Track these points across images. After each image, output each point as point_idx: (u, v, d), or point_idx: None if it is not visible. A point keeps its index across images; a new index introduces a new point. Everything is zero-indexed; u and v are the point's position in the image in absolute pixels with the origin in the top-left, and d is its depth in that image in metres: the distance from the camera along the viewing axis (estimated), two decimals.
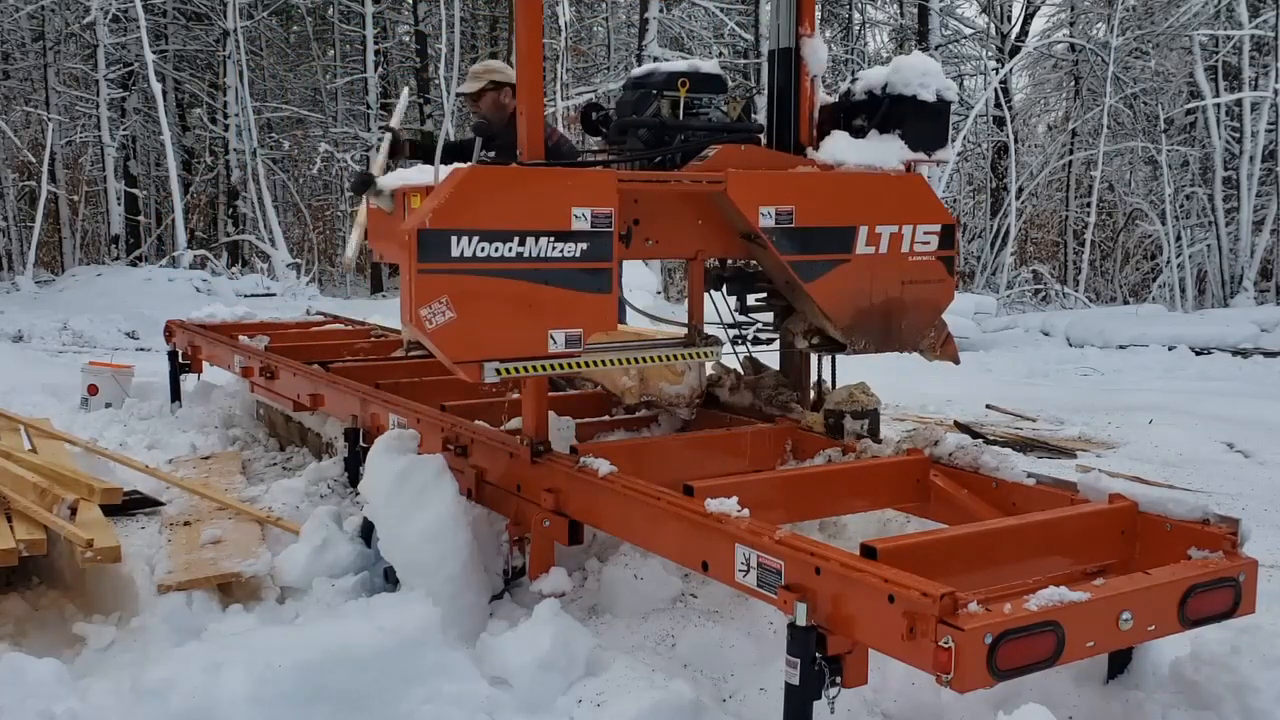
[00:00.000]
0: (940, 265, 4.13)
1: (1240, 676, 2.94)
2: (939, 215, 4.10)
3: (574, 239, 3.40)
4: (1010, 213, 20.84)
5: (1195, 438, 7.21)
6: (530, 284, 3.36)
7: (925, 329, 4.20)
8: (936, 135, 4.15)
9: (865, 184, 3.99)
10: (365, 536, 4.09)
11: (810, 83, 4.24)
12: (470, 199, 3.27)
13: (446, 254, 3.22)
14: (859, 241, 3.93)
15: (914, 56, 4.22)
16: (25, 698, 3.00)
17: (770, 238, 3.77)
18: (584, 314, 3.46)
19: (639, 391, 4.52)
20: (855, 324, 4.01)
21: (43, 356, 11.25)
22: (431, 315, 3.23)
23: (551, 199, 3.37)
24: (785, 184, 3.83)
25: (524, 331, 3.37)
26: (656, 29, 19.54)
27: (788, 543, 2.73)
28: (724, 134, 4.00)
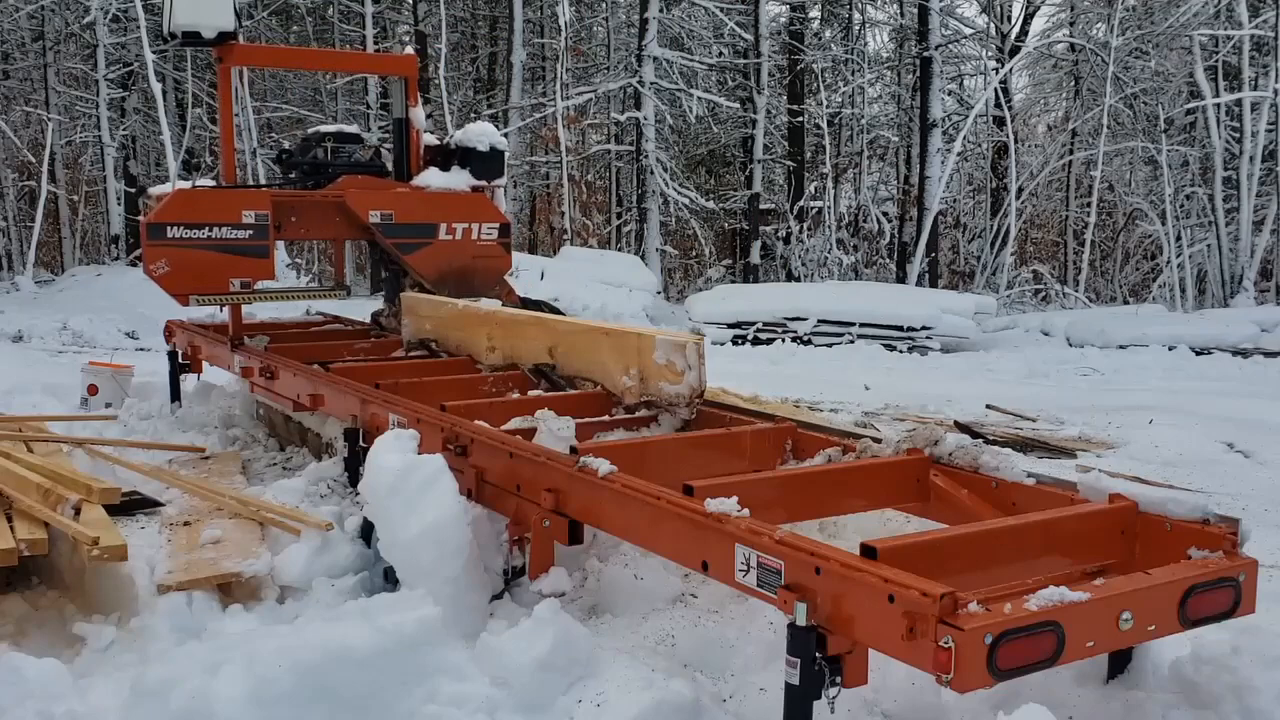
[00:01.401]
0: (499, 247, 7.06)
1: (1240, 676, 2.94)
2: (497, 217, 7.04)
3: (244, 228, 6.11)
4: (1010, 213, 20.84)
5: (1195, 438, 7.21)
6: (216, 253, 6.05)
7: (492, 285, 6.98)
8: (494, 170, 7.06)
9: (444, 198, 6.86)
10: (365, 536, 4.09)
11: (417, 136, 7.04)
12: (178, 206, 6.02)
13: (164, 235, 5.96)
14: (440, 232, 6.81)
15: (478, 123, 7.18)
16: (25, 698, 3.00)
17: (379, 230, 6.65)
18: (252, 269, 6.17)
19: (639, 391, 4.52)
20: (440, 280, 6.79)
21: (43, 356, 11.25)
22: (156, 269, 5.95)
23: (229, 205, 6.11)
24: (387, 197, 6.73)
25: (214, 279, 6.06)
26: (656, 29, 19.54)
27: (788, 543, 2.73)
28: (355, 169, 6.83)
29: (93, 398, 7.21)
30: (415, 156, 7.00)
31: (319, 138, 6.94)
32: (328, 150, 6.86)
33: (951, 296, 17.11)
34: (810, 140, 24.01)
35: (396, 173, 7.02)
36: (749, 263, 21.21)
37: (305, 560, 3.98)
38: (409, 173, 6.97)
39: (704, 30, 22.70)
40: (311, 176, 6.75)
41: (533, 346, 5.31)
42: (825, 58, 24.48)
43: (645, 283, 16.94)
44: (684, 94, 20.42)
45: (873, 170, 26.49)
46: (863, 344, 14.41)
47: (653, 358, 4.43)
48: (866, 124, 24.91)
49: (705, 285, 21.23)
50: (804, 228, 21.79)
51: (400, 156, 7.04)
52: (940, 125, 20.74)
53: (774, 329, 14.89)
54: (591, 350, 4.93)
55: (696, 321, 15.17)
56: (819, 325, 14.84)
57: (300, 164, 6.86)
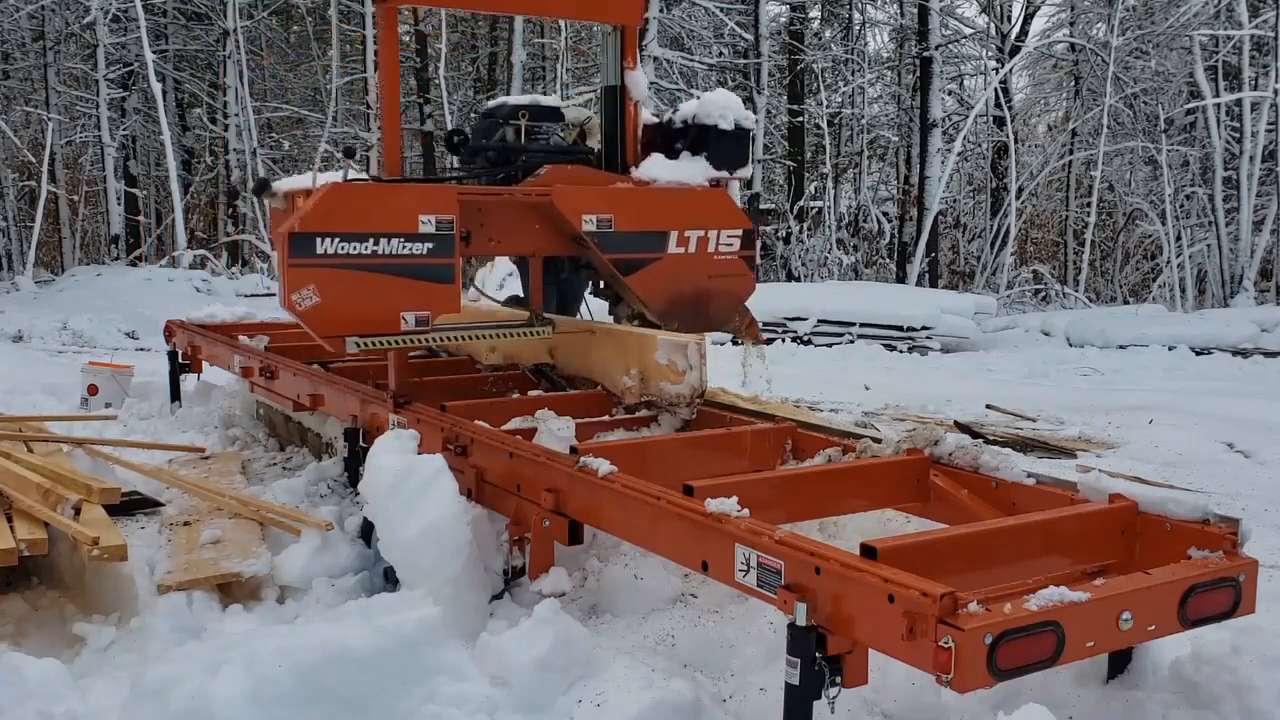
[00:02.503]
0: (742, 263, 5.00)
1: (1240, 676, 2.94)
2: (740, 222, 4.97)
3: (420, 239, 4.19)
4: (1010, 213, 20.84)
5: (1195, 438, 7.21)
6: (384, 275, 4.14)
7: (731, 314, 5.07)
8: (737, 157, 5.01)
9: (675, 196, 4.85)
10: (365, 536, 4.09)
11: (635, 110, 5.01)
12: (333, 208, 4.06)
13: (312, 251, 4.01)
14: (670, 243, 4.80)
15: (718, 92, 5.11)
16: (25, 698, 3.00)
17: (594, 240, 4.61)
18: (431, 299, 4.25)
19: (639, 391, 4.52)
20: (668, 310, 4.85)
21: (42, 356, 11.25)
22: (300, 300, 4.03)
23: (402, 208, 4.15)
24: (605, 196, 4.68)
25: (380, 313, 4.17)
26: (656, 29, 19.54)
27: (788, 543, 2.73)
28: (558, 156, 4.86)
29: (93, 398, 7.21)
30: (633, 138, 5.04)
31: (509, 112, 4.96)
32: (521, 130, 4.91)
33: (951, 296, 17.11)
34: (810, 140, 24.02)
35: (607, 160, 5.03)
36: None
37: (305, 560, 3.98)
38: (625, 161, 5.00)
39: (704, 30, 22.70)
40: (500, 166, 4.83)
41: (533, 346, 5.31)
42: (825, 58, 24.49)
43: None
44: (684, 94, 20.42)
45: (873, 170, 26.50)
46: (863, 344, 14.40)
47: (653, 358, 4.43)
48: (866, 124, 24.92)
49: None
50: (804, 228, 21.80)
51: (614, 138, 5.02)
52: (940, 125, 20.75)
53: (774, 329, 14.88)
54: (592, 350, 4.93)
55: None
56: (819, 325, 14.84)
57: (485, 149, 4.88)
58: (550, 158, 4.82)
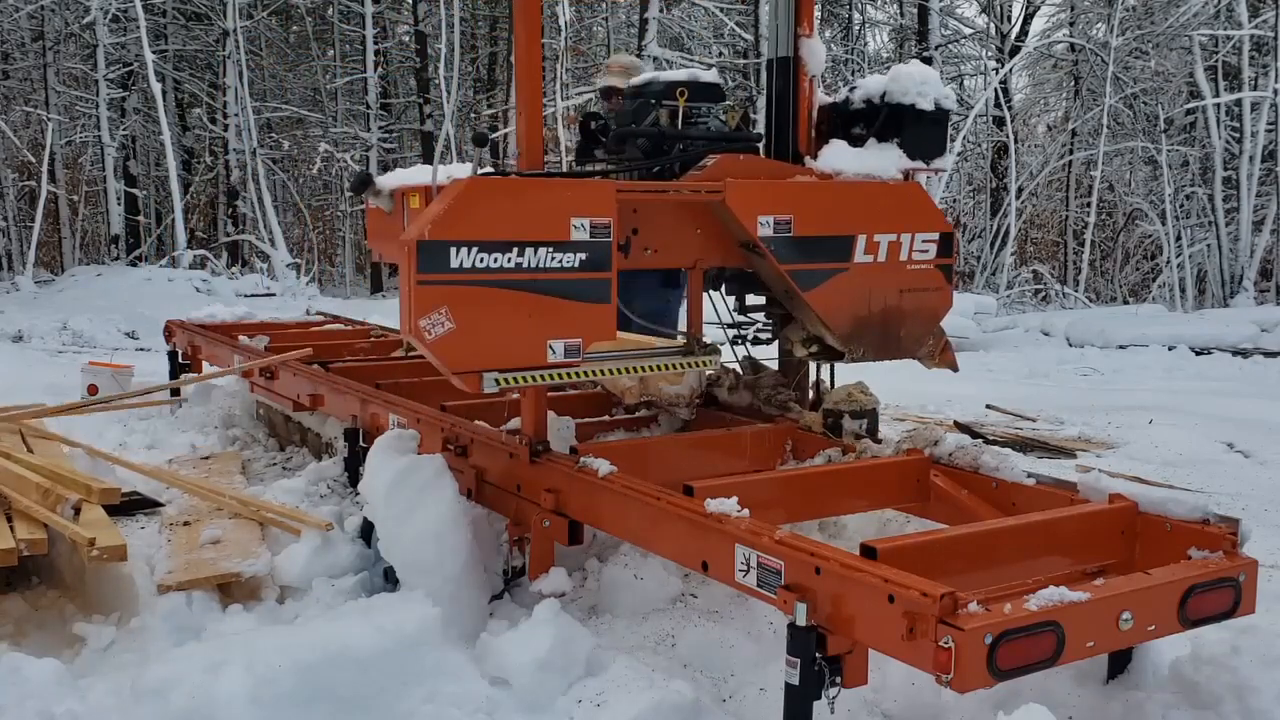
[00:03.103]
0: (939, 273, 4.14)
1: (1240, 676, 2.94)
2: (937, 223, 4.12)
3: (573, 249, 3.39)
4: (1010, 213, 20.84)
5: (1195, 438, 7.21)
6: (529, 294, 3.34)
7: (924, 337, 4.18)
8: (935, 144, 4.16)
9: (863, 193, 4.00)
10: (365, 536, 4.09)
11: (810, 87, 4.24)
12: (470, 209, 3.25)
13: (446, 265, 3.20)
14: (857, 250, 3.94)
15: (913, 65, 4.22)
16: (25, 698, 3.00)
17: (769, 247, 3.78)
18: (583, 323, 3.44)
19: (639, 391, 4.52)
20: (854, 333, 4.01)
21: (42, 356, 11.25)
22: (431, 326, 3.21)
23: (550, 209, 3.36)
24: (784, 193, 3.84)
25: (523, 342, 3.36)
26: (656, 29, 19.53)
27: (787, 543, 2.73)
28: (722, 143, 3.98)
29: (93, 398, 7.20)
30: (807, 121, 4.28)
31: (662, 90, 4.04)
32: (678, 113, 4.00)
33: None
34: None
35: (777, 148, 4.27)
36: None
37: (305, 560, 3.98)
38: (796, 149, 4.23)
39: (704, 30, 22.70)
40: (653, 157, 3.96)
41: None
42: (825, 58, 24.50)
43: None
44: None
45: None
46: None
47: None
48: None
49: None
50: None
51: (786, 120, 4.26)
52: None
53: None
54: None
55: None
56: None
57: (636, 134, 3.99)
58: (715, 146, 3.96)
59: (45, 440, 5.43)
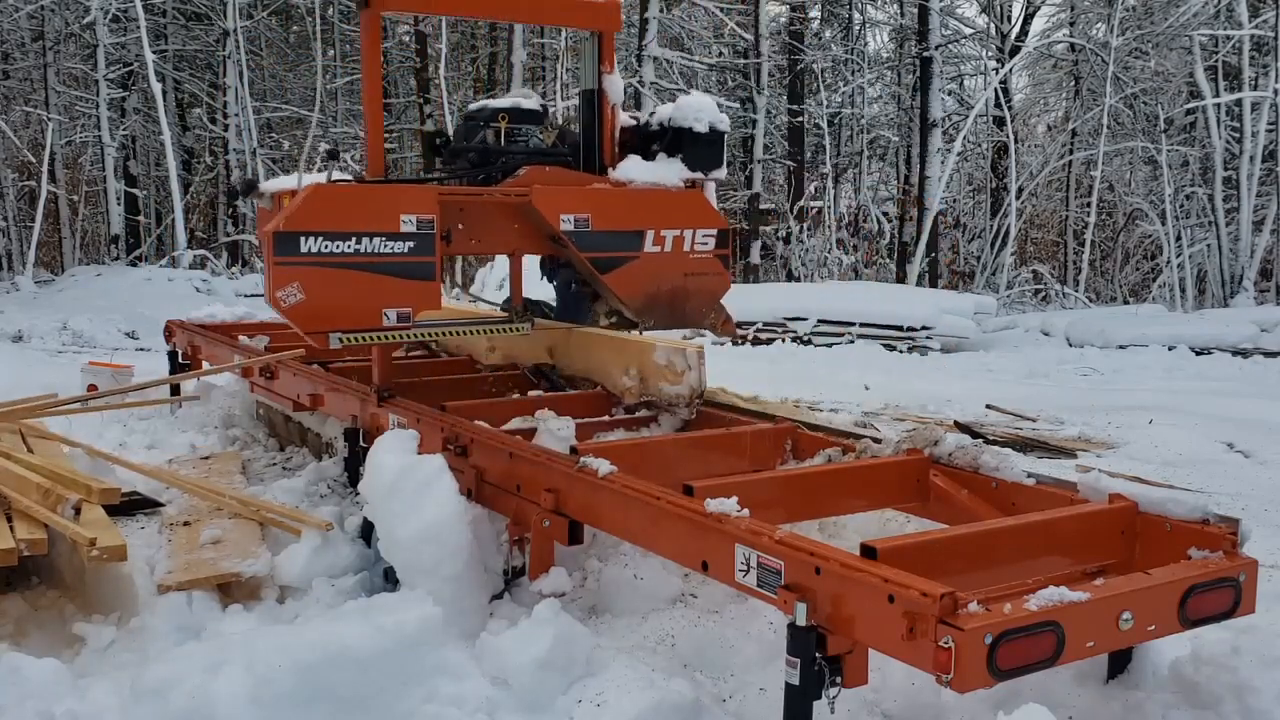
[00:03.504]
0: (717, 261, 5.17)
1: (1240, 676, 2.94)
2: (715, 222, 5.14)
3: (402, 238, 4.32)
4: (1010, 213, 20.84)
5: (1195, 438, 7.21)
6: (366, 273, 4.26)
7: (707, 312, 5.21)
8: (712, 159, 5.15)
9: (651, 197, 4.99)
10: (365, 536, 4.09)
11: (612, 113, 5.17)
12: (316, 208, 4.19)
13: (297, 250, 4.14)
14: (646, 242, 4.95)
15: (694, 95, 5.27)
16: (25, 698, 3.00)
17: (571, 239, 4.76)
18: (412, 296, 4.37)
19: (639, 391, 4.52)
20: (645, 308, 5.03)
21: (42, 356, 11.25)
22: (285, 297, 4.16)
23: (383, 208, 4.29)
24: (583, 196, 4.81)
25: (362, 310, 4.29)
26: (656, 29, 19.53)
27: (787, 543, 2.73)
28: (537, 157, 4.96)
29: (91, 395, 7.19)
30: (611, 140, 5.19)
31: (489, 115, 5.08)
32: (501, 132, 5.04)
33: (951, 296, 17.10)
34: (810, 140, 24.01)
35: (586, 162, 5.17)
36: (749, 263, 21.20)
37: (305, 560, 3.98)
38: (602, 163, 5.16)
39: (704, 30, 22.70)
40: (480, 168, 4.96)
41: (533, 346, 5.31)
42: (825, 58, 24.49)
43: None
44: (684, 94, 20.41)
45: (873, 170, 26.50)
46: (863, 344, 14.39)
47: (653, 358, 4.43)
48: (866, 124, 24.92)
49: None
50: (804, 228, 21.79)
51: (593, 140, 5.16)
52: (940, 125, 20.75)
53: (774, 329, 14.88)
54: (592, 350, 4.93)
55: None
56: (819, 325, 14.83)
57: (467, 150, 4.99)
58: (530, 159, 4.95)
59: (45, 440, 5.43)
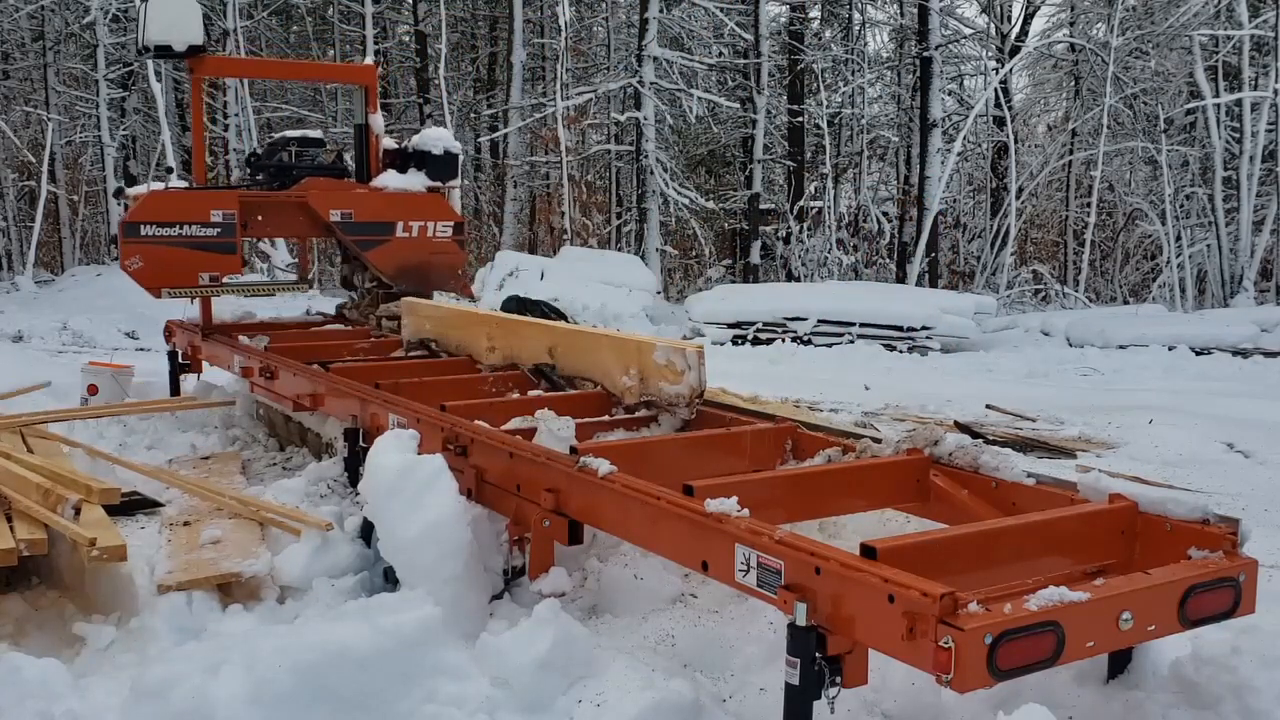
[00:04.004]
0: (455, 244, 7.54)
1: (1240, 676, 2.94)
2: (452, 216, 7.59)
3: (213, 226, 6.67)
4: (1010, 213, 20.84)
5: (1195, 438, 7.21)
6: (186, 250, 6.60)
7: (449, 280, 7.42)
8: (448, 172, 7.58)
9: (401, 198, 7.36)
10: (365, 536, 4.09)
11: (376, 142, 7.60)
12: (152, 206, 6.60)
13: (138, 233, 6.52)
14: (398, 230, 7.32)
15: (432, 129, 7.75)
16: (25, 698, 3.00)
17: (339, 228, 7.17)
18: (220, 265, 6.71)
19: (639, 391, 4.52)
20: (397, 275, 7.36)
21: (42, 356, 11.25)
22: (131, 264, 6.54)
23: (199, 205, 6.68)
24: (347, 197, 7.26)
25: (184, 274, 6.62)
26: (656, 29, 19.53)
27: (788, 543, 2.73)
28: (317, 172, 7.33)
29: (93, 397, 7.21)
30: (375, 159, 7.53)
31: (284, 142, 7.48)
32: (292, 154, 7.38)
33: (951, 296, 17.10)
34: (810, 140, 24.00)
35: (357, 175, 7.56)
36: (749, 263, 21.20)
37: (305, 560, 3.98)
38: (369, 175, 7.48)
39: (704, 30, 22.69)
40: (278, 178, 7.26)
41: (533, 346, 5.31)
42: (825, 58, 24.48)
43: (645, 283, 16.91)
44: (684, 94, 20.41)
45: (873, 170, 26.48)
46: (863, 344, 14.40)
47: (653, 358, 4.43)
48: (866, 124, 24.90)
49: (705, 285, 21.21)
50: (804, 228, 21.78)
51: (360, 160, 7.59)
52: (940, 125, 20.74)
53: (774, 329, 14.88)
54: (592, 350, 4.93)
55: (697, 321, 15.15)
56: (819, 325, 14.83)
57: (267, 166, 7.36)
58: (312, 172, 7.31)
59: (45, 440, 5.43)
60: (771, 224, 22.59)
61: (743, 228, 22.24)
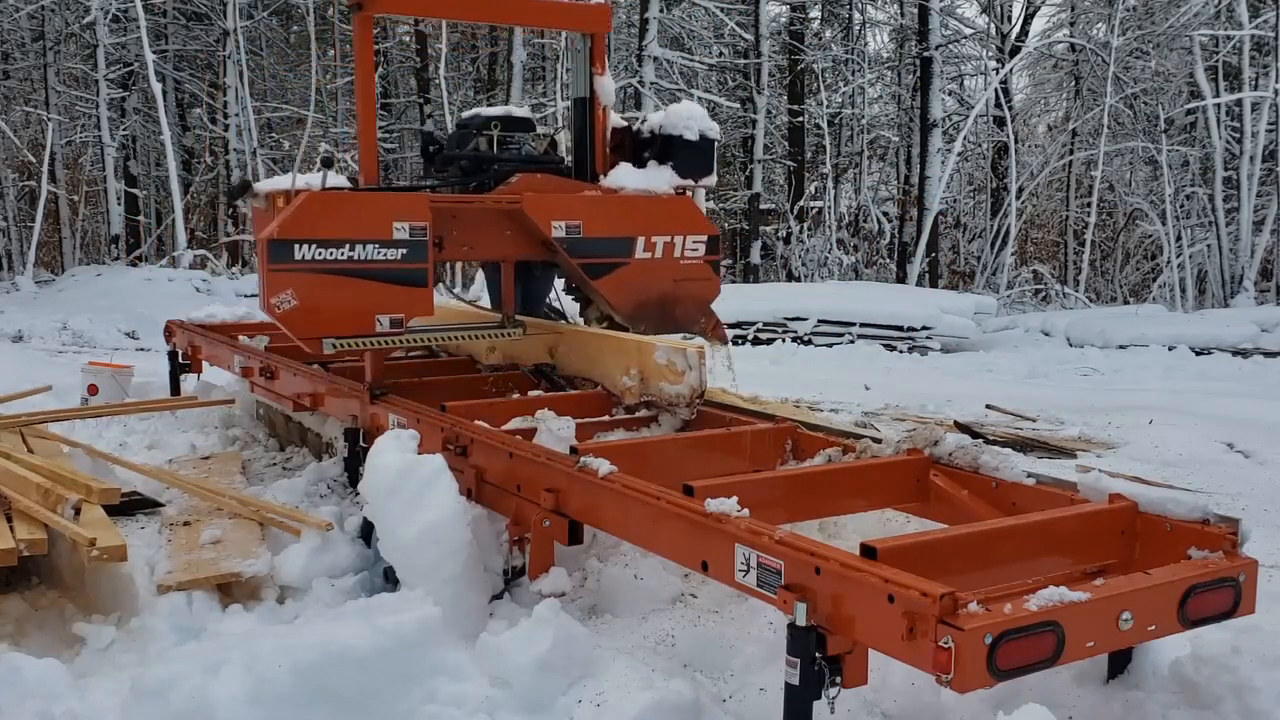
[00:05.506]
0: (707, 267, 5.21)
1: (1240, 676, 2.94)
2: (705, 228, 5.20)
3: (395, 245, 4.39)
4: (1010, 213, 20.84)
5: (1195, 438, 7.21)
6: (359, 280, 4.34)
7: (697, 317, 5.27)
8: (702, 166, 5.21)
9: (641, 204, 5.04)
10: (365, 536, 4.09)
11: (604, 118, 5.19)
12: (310, 215, 4.25)
13: (291, 257, 4.21)
14: (637, 248, 5.01)
15: (684, 104, 5.28)
16: (25, 698, 3.00)
17: (563, 245, 4.83)
18: (404, 302, 4.46)
19: (639, 391, 4.52)
20: (636, 313, 5.08)
21: (42, 356, 11.25)
22: (280, 303, 4.22)
23: (376, 215, 4.37)
24: (574, 203, 4.90)
25: (355, 315, 4.38)
26: (656, 29, 19.53)
27: (787, 543, 2.73)
28: (529, 165, 5.07)
29: (93, 398, 7.20)
30: (602, 146, 5.23)
31: (481, 123, 5.22)
32: (493, 140, 5.18)
33: (951, 296, 17.11)
34: (810, 140, 24.02)
35: (577, 169, 5.25)
36: (749, 263, 21.21)
37: (305, 560, 3.98)
38: (594, 169, 5.20)
39: (704, 30, 22.70)
40: (472, 175, 5.09)
41: (533, 346, 5.31)
42: (825, 58, 24.49)
43: None
44: (684, 94, 20.42)
45: (873, 170, 26.50)
46: (863, 344, 14.40)
47: (653, 358, 4.43)
48: (866, 124, 24.91)
49: None
50: (804, 228, 21.79)
51: (584, 147, 5.21)
52: (940, 125, 20.75)
53: (774, 329, 14.88)
54: (592, 350, 4.93)
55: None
56: (819, 325, 14.83)
57: (458, 158, 5.12)
58: (521, 166, 5.03)
59: (45, 440, 5.43)
60: (772, 224, 22.61)
61: (743, 227, 22.26)
